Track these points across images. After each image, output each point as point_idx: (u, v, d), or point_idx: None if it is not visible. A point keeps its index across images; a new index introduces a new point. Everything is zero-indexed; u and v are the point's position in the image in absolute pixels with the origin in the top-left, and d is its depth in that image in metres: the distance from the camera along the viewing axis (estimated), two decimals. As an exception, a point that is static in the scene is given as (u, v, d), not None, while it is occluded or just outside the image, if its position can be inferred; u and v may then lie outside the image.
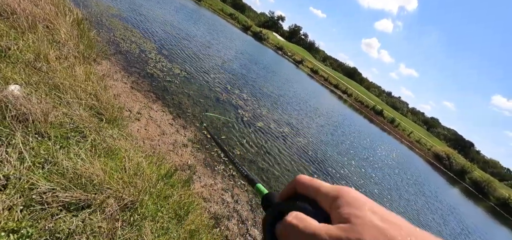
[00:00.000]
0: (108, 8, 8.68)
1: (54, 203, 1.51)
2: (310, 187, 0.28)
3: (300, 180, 0.29)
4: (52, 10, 4.06)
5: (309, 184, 0.28)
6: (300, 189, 0.29)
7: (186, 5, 30.75)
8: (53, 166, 1.68)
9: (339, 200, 0.23)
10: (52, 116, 2.02)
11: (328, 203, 0.24)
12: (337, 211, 0.23)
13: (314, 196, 0.27)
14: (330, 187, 0.26)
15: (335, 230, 0.21)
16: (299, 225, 0.23)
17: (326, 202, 0.25)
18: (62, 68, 2.85)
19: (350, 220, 0.21)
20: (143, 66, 5.65)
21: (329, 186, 0.26)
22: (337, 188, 0.25)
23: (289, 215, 0.25)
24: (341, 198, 0.24)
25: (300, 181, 0.29)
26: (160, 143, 3.46)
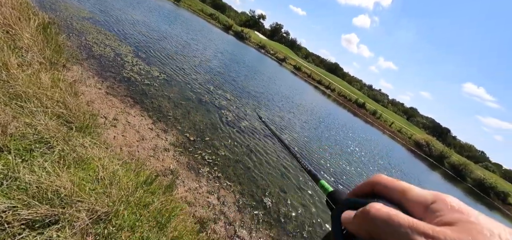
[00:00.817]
0: (78, 10, 8.21)
1: (15, 222, 1.38)
2: (394, 188, 0.24)
3: (380, 180, 0.26)
4: (14, 14, 3.76)
5: (393, 184, 0.24)
6: (379, 190, 0.25)
7: (164, 6, 29.93)
8: (14, 182, 1.53)
9: (438, 203, 0.21)
10: (12, 128, 1.85)
11: (421, 207, 0.21)
12: (437, 214, 0.20)
13: (399, 198, 0.23)
14: (422, 191, 0.23)
15: (440, 228, 0.18)
16: (392, 215, 0.20)
17: (417, 206, 0.22)
18: (25, 76, 2.64)
19: (458, 224, 0.18)
20: (119, 70, 5.40)
21: (421, 189, 0.23)
22: (433, 192, 0.22)
23: (375, 203, 0.22)
24: (441, 202, 0.21)
25: (380, 181, 0.26)
26: (139, 149, 3.32)
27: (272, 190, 4.26)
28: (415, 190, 0.23)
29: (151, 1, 26.04)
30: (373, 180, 0.26)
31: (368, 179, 0.27)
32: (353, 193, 0.29)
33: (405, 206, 0.22)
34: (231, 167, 4.22)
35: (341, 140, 12.23)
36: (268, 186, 4.32)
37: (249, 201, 3.65)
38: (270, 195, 4.09)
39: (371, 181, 0.27)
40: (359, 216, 0.22)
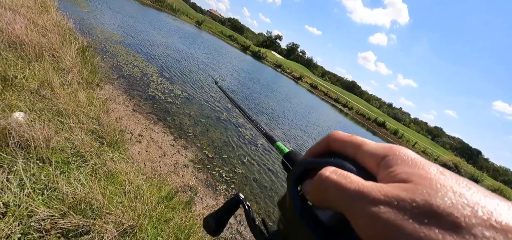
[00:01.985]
0: (112, 34, 9.03)
1: (52, 230, 1.49)
2: (349, 142, 0.23)
3: (335, 135, 0.25)
4: (58, 40, 4.24)
5: (348, 139, 0.23)
6: (335, 146, 0.24)
7: (187, 29, 31.90)
8: (53, 192, 1.67)
9: (390, 158, 0.19)
10: (54, 142, 2.04)
11: (375, 161, 0.20)
12: (389, 170, 0.18)
13: (354, 154, 0.22)
14: (376, 144, 0.21)
15: (391, 189, 0.16)
16: (341, 181, 0.19)
17: (371, 160, 0.20)
18: (66, 94, 2.93)
19: (411, 180, 0.16)
20: (145, 89, 5.77)
21: (375, 143, 0.22)
22: (386, 145, 0.21)
23: (325, 169, 0.21)
24: (393, 157, 0.19)
25: (335, 136, 0.25)
26: (161, 165, 3.45)
27: (289, 211, 4.15)
28: (368, 144, 0.22)
29: (175, 25, 27.96)
30: (328, 137, 0.25)
31: (324, 137, 0.26)
32: (309, 153, 0.27)
33: (359, 162, 0.21)
34: (248, 186, 4.22)
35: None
36: (285, 206, 4.23)
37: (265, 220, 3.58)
38: (287, 217, 3.98)
39: (326, 138, 0.25)
40: (313, 184, 0.21)
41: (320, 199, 0.21)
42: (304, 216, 0.22)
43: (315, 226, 0.21)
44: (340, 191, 0.18)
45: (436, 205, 0.14)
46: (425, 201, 0.15)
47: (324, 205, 0.20)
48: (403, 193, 0.15)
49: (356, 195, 0.17)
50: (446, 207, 0.14)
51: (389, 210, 0.15)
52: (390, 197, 0.16)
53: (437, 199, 0.15)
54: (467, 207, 0.14)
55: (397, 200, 0.15)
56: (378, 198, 0.16)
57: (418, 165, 0.18)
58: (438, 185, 0.15)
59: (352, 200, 0.17)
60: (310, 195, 0.22)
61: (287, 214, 0.25)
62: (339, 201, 0.18)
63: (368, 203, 0.16)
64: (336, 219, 0.20)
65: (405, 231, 0.14)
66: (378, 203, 0.16)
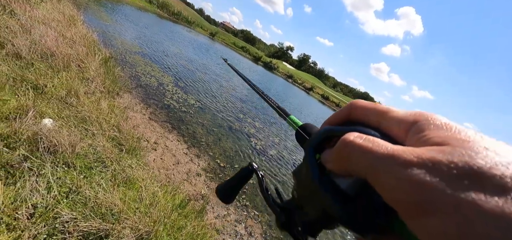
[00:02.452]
0: (131, 46, 9.51)
1: (75, 233, 1.56)
2: (373, 110, 0.21)
3: (357, 104, 0.23)
4: (84, 51, 4.53)
5: (372, 107, 0.22)
6: (357, 114, 0.23)
7: (202, 40, 32.93)
8: (77, 196, 1.76)
9: (422, 123, 0.17)
10: (79, 147, 2.16)
11: (403, 128, 0.18)
12: (421, 135, 0.17)
13: (378, 122, 0.21)
14: (404, 111, 0.20)
15: (426, 151, 0.15)
16: (367, 144, 0.17)
17: (398, 127, 0.19)
18: (89, 102, 3.10)
19: (448, 143, 0.15)
20: (161, 98, 5.97)
21: (401, 110, 0.20)
22: (415, 112, 0.19)
23: (349, 134, 0.19)
24: (425, 121, 0.17)
25: (357, 104, 0.23)
26: (174, 173, 3.52)
27: (300, 225, 4.08)
28: (394, 111, 0.20)
29: (190, 36, 28.98)
30: (349, 105, 0.24)
31: (345, 106, 0.24)
32: (327, 123, 0.26)
33: (384, 130, 0.20)
34: (259, 197, 4.19)
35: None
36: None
37: (276, 233, 3.54)
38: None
39: (347, 107, 0.24)
40: (335, 150, 0.20)
41: (342, 165, 0.19)
42: (323, 182, 0.21)
43: (334, 192, 0.20)
44: (366, 155, 0.17)
45: (478, 166, 0.13)
46: (464, 163, 0.13)
47: (346, 171, 0.19)
48: (439, 155, 0.14)
49: (385, 157, 0.16)
50: (490, 168, 0.13)
51: (424, 171, 0.14)
52: (424, 158, 0.14)
53: (478, 160, 0.13)
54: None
55: (432, 161, 0.14)
56: (410, 160, 0.15)
57: (453, 129, 0.16)
58: (478, 147, 0.14)
59: (380, 163, 0.16)
60: (330, 162, 0.21)
61: (304, 182, 0.24)
62: (364, 165, 0.17)
63: (399, 165, 0.15)
64: (356, 187, 0.19)
65: (443, 193, 0.13)
66: (410, 165, 0.15)
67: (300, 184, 0.26)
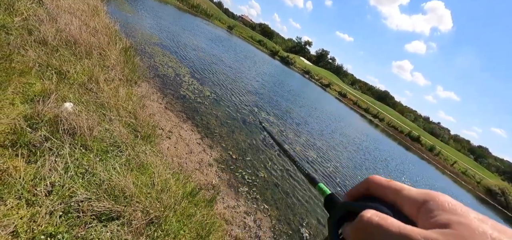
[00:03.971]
0: (150, 37, 9.75)
1: (88, 212, 1.62)
2: (388, 188, 0.24)
3: (374, 180, 0.26)
4: (106, 40, 4.69)
5: (387, 184, 0.24)
6: (374, 190, 0.25)
7: (219, 33, 33.11)
8: (92, 177, 1.82)
9: (431, 203, 0.20)
10: (96, 131, 2.23)
11: (414, 207, 0.21)
12: (430, 215, 0.19)
13: (394, 198, 0.23)
14: (415, 190, 0.22)
15: (431, 233, 0.17)
16: (382, 223, 0.20)
17: (410, 206, 0.21)
18: (109, 89, 3.20)
19: (451, 226, 0.17)
20: (177, 88, 6.08)
21: (414, 189, 0.23)
22: (426, 191, 0.21)
23: (366, 212, 0.22)
24: (433, 202, 0.20)
25: (375, 181, 0.26)
26: (187, 162, 3.58)
27: (310, 221, 4.00)
28: (407, 189, 0.23)
29: (208, 29, 29.24)
30: (367, 180, 0.26)
31: (363, 180, 0.27)
32: (349, 195, 0.28)
33: (399, 207, 0.22)
34: (270, 190, 4.16)
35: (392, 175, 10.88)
36: (306, 215, 4.09)
37: (285, 228, 3.49)
38: (307, 226, 3.84)
39: (365, 182, 0.26)
40: (354, 226, 0.22)
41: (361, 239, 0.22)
42: None
43: None
44: (382, 233, 0.19)
45: None
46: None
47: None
48: (442, 238, 0.16)
49: (398, 236, 0.18)
50: None
51: None
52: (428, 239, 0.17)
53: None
54: None
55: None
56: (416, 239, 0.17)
57: (458, 212, 0.19)
58: (476, 232, 0.16)
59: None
60: (350, 237, 0.23)
61: None
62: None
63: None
64: None
65: None
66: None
67: None
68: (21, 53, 2.73)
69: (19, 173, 1.57)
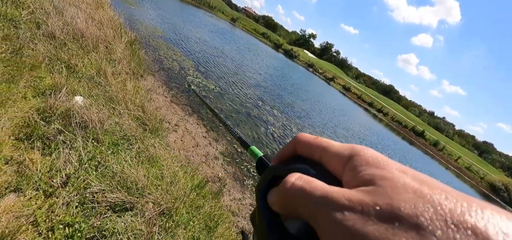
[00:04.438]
0: (155, 30, 9.73)
1: (103, 203, 1.67)
2: (315, 145, 0.22)
3: (301, 139, 0.24)
4: (111, 33, 4.70)
5: (314, 142, 0.23)
6: (301, 150, 0.24)
7: (222, 26, 32.85)
8: (105, 169, 1.87)
9: (355, 159, 0.19)
10: (107, 124, 2.27)
11: (340, 164, 0.19)
12: (354, 172, 0.18)
13: (320, 157, 0.22)
14: (340, 146, 0.21)
15: (355, 193, 0.16)
16: (305, 187, 0.18)
17: (336, 163, 0.20)
18: (116, 83, 3.23)
19: (374, 182, 0.16)
20: (182, 82, 6.10)
21: (340, 144, 0.21)
22: (351, 146, 0.20)
23: (291, 176, 0.20)
24: (357, 157, 0.19)
25: (301, 139, 0.24)
26: (193, 155, 3.62)
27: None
28: (334, 146, 0.21)
29: (211, 21, 29.02)
30: (295, 140, 0.24)
31: (291, 140, 0.25)
32: (277, 158, 0.26)
33: (325, 165, 0.21)
34: (275, 184, 4.21)
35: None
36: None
37: (291, 222, 3.55)
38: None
39: (293, 141, 0.25)
40: (278, 193, 0.21)
41: (286, 208, 0.20)
42: (271, 227, 0.21)
43: (281, 236, 0.20)
44: (306, 198, 0.18)
45: (398, 208, 0.14)
46: (387, 204, 0.14)
47: (291, 214, 0.20)
48: (366, 197, 0.15)
49: (321, 200, 0.17)
50: (408, 209, 0.14)
51: (353, 215, 0.15)
52: (353, 201, 0.15)
53: (399, 201, 0.14)
54: (430, 208, 0.13)
55: (361, 204, 0.15)
56: (342, 203, 0.15)
57: (380, 165, 0.17)
58: (399, 186, 0.15)
59: (316, 207, 0.17)
60: (275, 205, 0.21)
61: (258, 227, 0.24)
62: (304, 209, 0.18)
63: (333, 209, 0.16)
64: (304, 229, 0.19)
65: (370, 237, 0.14)
66: (342, 208, 0.15)
67: (255, 229, 0.25)
68: (30, 47, 2.76)
69: (35, 166, 1.61)
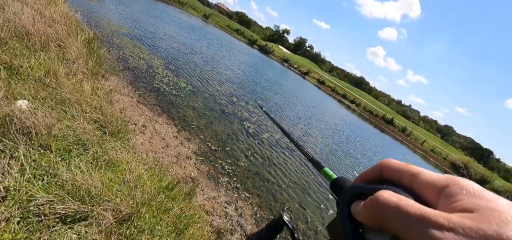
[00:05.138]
0: (119, 27, 9.11)
1: (51, 215, 1.51)
2: (405, 171, 0.22)
3: (389, 163, 0.24)
4: (65, 31, 4.28)
5: (404, 167, 0.23)
6: (388, 174, 0.24)
7: (194, 22, 31.88)
8: (53, 178, 1.69)
9: (451, 188, 0.18)
10: (56, 129, 2.06)
11: (434, 191, 0.19)
12: (451, 200, 0.18)
13: (410, 183, 0.21)
14: (434, 174, 0.21)
15: (456, 217, 0.15)
16: (400, 204, 0.18)
17: (429, 191, 0.20)
18: (70, 84, 2.95)
19: (478, 210, 0.16)
20: (150, 81, 5.80)
21: (433, 173, 0.21)
22: (446, 176, 0.20)
23: (383, 191, 0.20)
24: (454, 187, 0.18)
25: (390, 164, 0.24)
26: (163, 156, 3.47)
27: (291, 205, 4.13)
28: (426, 173, 0.21)
29: (182, 18, 27.99)
30: (381, 164, 0.24)
31: (376, 164, 0.25)
32: (360, 179, 0.27)
33: (416, 191, 0.20)
34: (250, 179, 4.20)
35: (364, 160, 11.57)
36: (287, 200, 4.21)
37: (266, 214, 3.57)
38: (289, 210, 3.96)
39: (379, 165, 0.25)
40: (368, 205, 0.21)
41: (375, 220, 0.20)
42: (354, 238, 0.22)
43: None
44: (400, 214, 0.18)
45: (506, 236, 0.14)
46: (495, 232, 0.14)
47: (377, 226, 0.20)
48: (469, 222, 0.15)
49: (418, 218, 0.16)
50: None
51: (454, 236, 0.14)
52: (455, 224, 0.15)
53: (508, 230, 0.14)
54: None
55: (463, 227, 0.15)
56: (442, 223, 0.15)
57: (485, 197, 0.17)
58: (509, 217, 0.15)
59: (413, 223, 0.17)
60: (361, 215, 0.22)
61: (337, 238, 0.26)
62: (397, 224, 0.18)
63: (431, 228, 0.15)
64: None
65: None
66: (442, 228, 0.15)
67: (333, 238, 0.27)
68: (-41, 46, 2.40)
69: (-37, 180, 1.40)
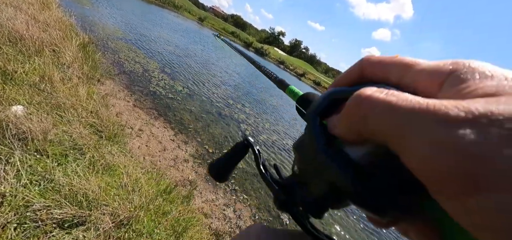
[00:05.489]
0: (114, 31, 9.06)
1: (48, 221, 1.49)
2: (392, 64, 0.16)
3: (371, 59, 0.18)
4: (59, 35, 4.26)
5: (391, 60, 0.17)
6: (371, 71, 0.17)
7: (189, 26, 31.89)
8: (50, 183, 1.68)
9: (460, 73, 0.13)
10: (52, 134, 2.05)
11: (436, 81, 0.14)
12: (461, 86, 0.12)
13: (400, 77, 0.16)
14: (433, 62, 0.15)
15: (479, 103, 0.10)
16: (392, 99, 0.13)
17: (429, 80, 0.14)
18: (66, 89, 2.94)
19: (502, 93, 0.11)
20: (146, 85, 5.78)
21: (430, 61, 0.15)
22: (449, 61, 0.14)
23: (364, 89, 0.14)
24: (466, 70, 0.13)
25: (371, 59, 0.18)
26: (160, 159, 3.45)
27: (289, 206, 4.15)
28: (423, 63, 0.15)
29: (177, 21, 27.98)
30: (360, 61, 0.18)
31: (355, 63, 0.19)
32: (334, 85, 0.20)
33: (407, 86, 0.15)
34: (248, 181, 4.21)
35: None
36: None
37: (265, 216, 3.58)
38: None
39: (359, 63, 0.18)
40: (345, 110, 0.16)
41: (355, 128, 0.15)
42: (330, 152, 0.17)
43: (344, 163, 0.16)
44: (389, 112, 0.12)
45: None
46: None
47: (359, 136, 0.15)
48: (499, 107, 0.10)
49: (416, 113, 0.11)
50: None
51: (477, 130, 0.09)
52: (476, 113, 0.10)
53: None
54: None
55: (489, 116, 0.10)
56: (455, 115, 0.10)
57: (508, 77, 0.12)
58: None
59: (408, 122, 0.11)
60: (339, 127, 0.17)
61: (306, 155, 0.20)
62: (385, 127, 0.12)
63: (438, 124, 0.10)
64: (372, 157, 0.16)
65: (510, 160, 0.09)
66: (456, 121, 0.10)
67: (302, 157, 0.22)
68: (-49, 52, 2.37)
69: (-42, 187, 1.39)
